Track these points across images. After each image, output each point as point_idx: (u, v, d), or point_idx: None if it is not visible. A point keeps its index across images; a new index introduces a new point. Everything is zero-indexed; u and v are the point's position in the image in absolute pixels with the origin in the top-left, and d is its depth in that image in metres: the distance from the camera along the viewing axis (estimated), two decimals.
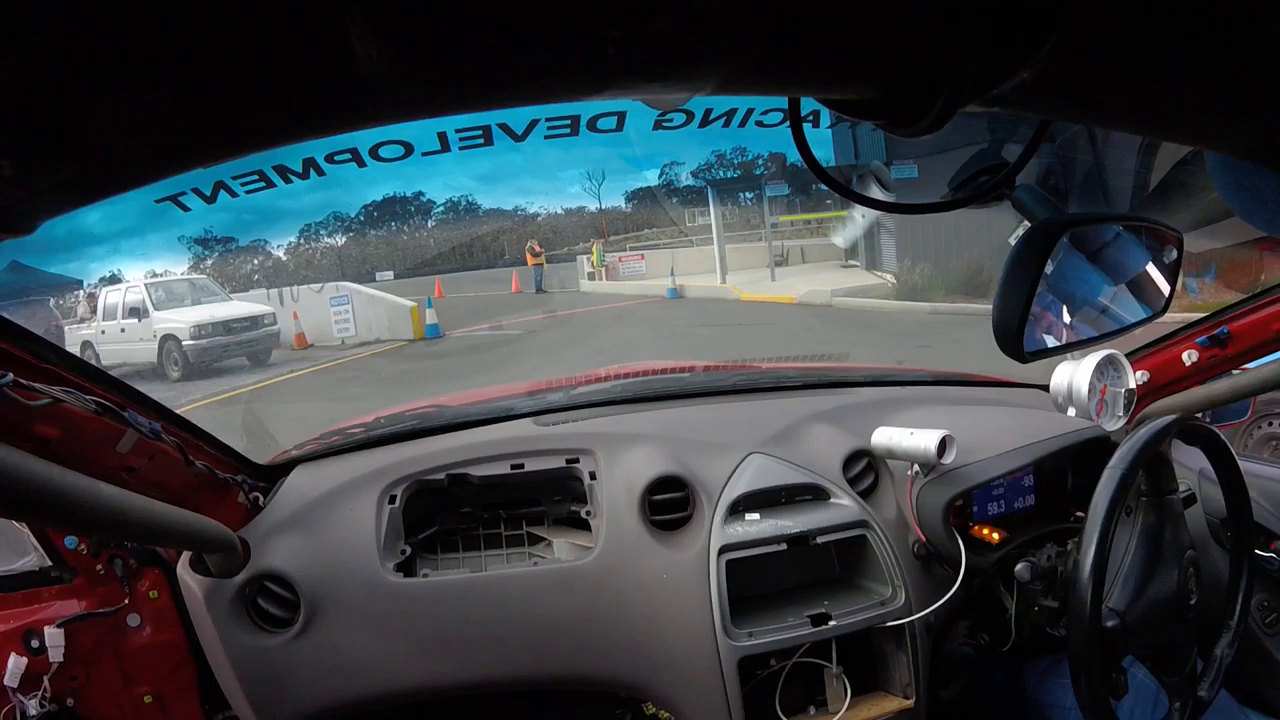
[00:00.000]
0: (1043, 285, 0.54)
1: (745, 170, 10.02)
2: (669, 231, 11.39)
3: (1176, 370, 1.40)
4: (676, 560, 1.16)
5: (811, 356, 5.12)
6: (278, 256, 9.50)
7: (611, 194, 10.68)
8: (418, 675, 1.14)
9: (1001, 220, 0.69)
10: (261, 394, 6.65)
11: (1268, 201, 0.40)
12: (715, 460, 1.25)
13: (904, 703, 1.16)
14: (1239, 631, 1.12)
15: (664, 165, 9.62)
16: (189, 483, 0.98)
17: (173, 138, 0.29)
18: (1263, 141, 0.35)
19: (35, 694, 1.09)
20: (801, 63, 0.31)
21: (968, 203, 0.61)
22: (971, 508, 1.28)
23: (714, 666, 1.10)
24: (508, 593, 1.16)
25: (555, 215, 10.82)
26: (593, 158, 9.43)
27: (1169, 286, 0.69)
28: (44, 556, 1.14)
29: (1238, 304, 1.32)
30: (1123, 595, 0.99)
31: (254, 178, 1.22)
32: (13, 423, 0.67)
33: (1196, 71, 0.32)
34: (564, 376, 1.63)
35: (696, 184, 10.30)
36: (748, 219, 10.95)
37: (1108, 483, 0.95)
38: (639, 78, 0.30)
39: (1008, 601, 1.23)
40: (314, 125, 0.30)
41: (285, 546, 1.13)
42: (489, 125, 1.28)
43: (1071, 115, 0.39)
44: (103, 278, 7.62)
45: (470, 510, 1.28)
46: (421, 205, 10.40)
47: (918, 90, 0.31)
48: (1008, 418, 1.43)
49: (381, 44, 0.25)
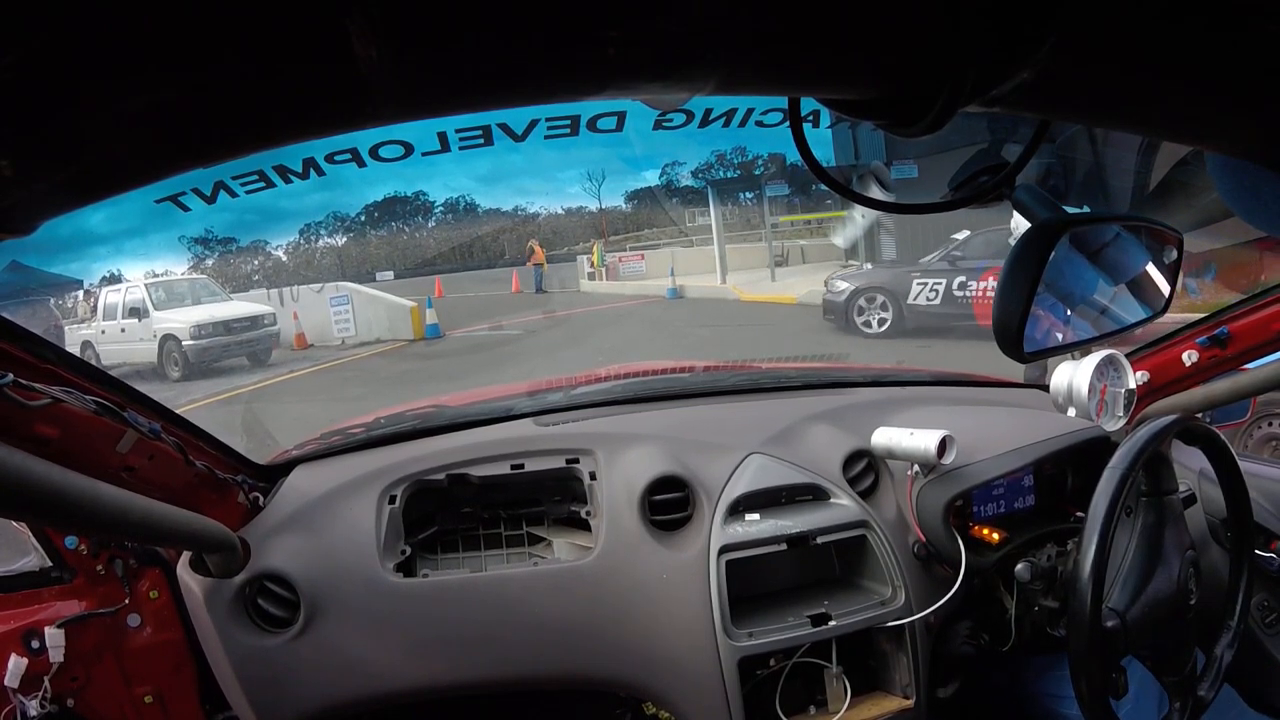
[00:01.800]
0: (1043, 285, 0.54)
1: (745, 170, 10.03)
2: (669, 231, 11.39)
3: (1176, 370, 1.40)
4: (676, 560, 1.16)
5: (811, 356, 5.13)
6: (278, 256, 9.51)
7: (611, 194, 10.69)
8: (418, 675, 1.14)
9: (1001, 220, 0.69)
10: (261, 394, 6.65)
11: (1268, 201, 0.40)
12: (715, 460, 1.25)
13: (904, 703, 1.16)
14: (1239, 631, 1.12)
15: (664, 165, 9.63)
16: (189, 483, 0.98)
17: (173, 138, 0.29)
18: (1263, 141, 0.35)
19: (36, 694, 1.09)
20: (801, 63, 0.31)
21: (968, 203, 0.60)
22: (971, 508, 1.28)
23: (714, 666, 1.10)
24: (508, 593, 1.16)
25: (555, 215, 10.82)
26: (593, 158, 9.43)
27: (1169, 286, 0.69)
28: (44, 556, 1.14)
29: (1238, 304, 1.32)
30: (1123, 595, 0.99)
31: (254, 178, 1.23)
32: (13, 423, 0.67)
33: (1196, 71, 0.32)
34: (564, 376, 1.63)
35: (696, 184, 10.31)
36: (748, 219, 10.96)
37: (1108, 482, 0.95)
38: (639, 78, 0.30)
39: (1008, 601, 1.23)
40: (314, 125, 0.31)
41: (285, 546, 1.13)
42: (489, 125, 1.28)
43: (1071, 115, 0.39)
44: (103, 278, 7.63)
45: (470, 510, 1.28)
46: (421, 205, 10.42)
47: (918, 90, 0.31)
48: (1008, 418, 1.43)
49: (381, 44, 0.25)
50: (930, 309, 6.55)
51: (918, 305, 6.60)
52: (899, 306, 6.68)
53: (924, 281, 6.59)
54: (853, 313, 6.81)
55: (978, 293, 6.29)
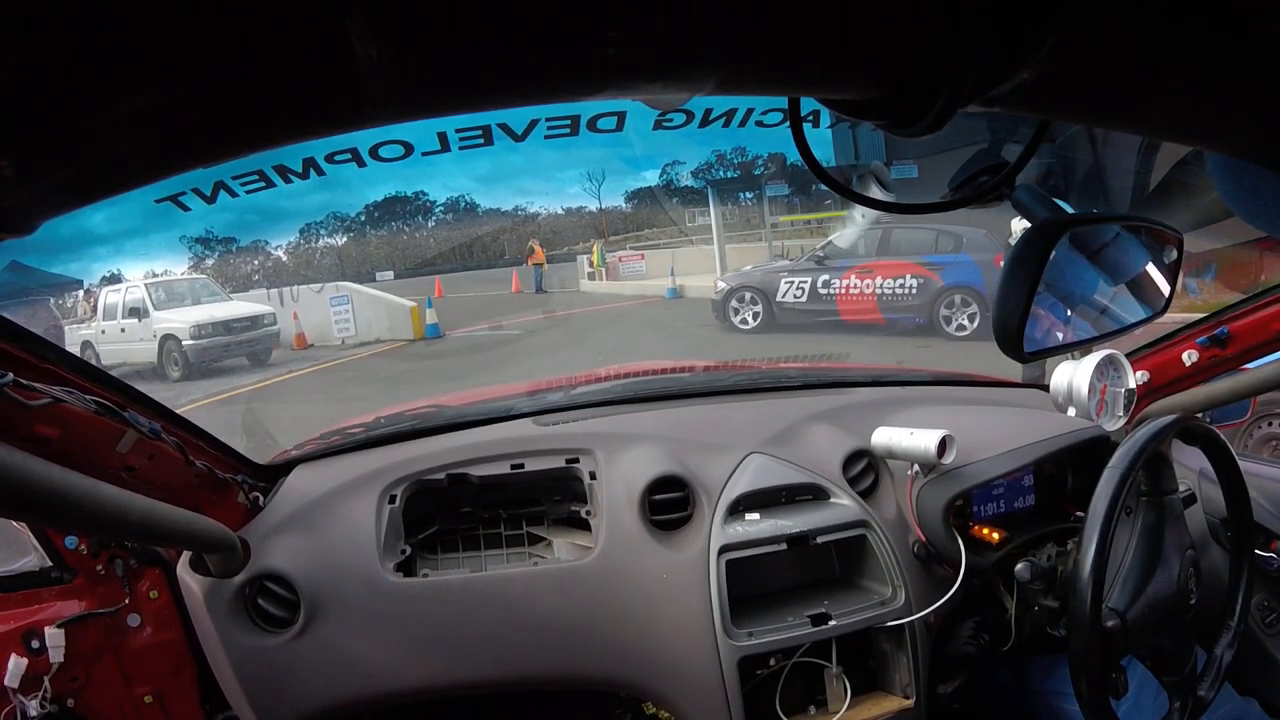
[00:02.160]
0: (1043, 285, 0.54)
1: (745, 170, 10.03)
2: (669, 231, 11.39)
3: (1176, 370, 1.40)
4: (676, 560, 1.16)
5: (811, 356, 5.13)
6: (278, 256, 9.51)
7: (611, 194, 10.68)
8: (417, 675, 1.14)
9: (1001, 220, 0.69)
10: (261, 394, 6.64)
11: (1268, 201, 0.40)
12: (715, 460, 1.25)
13: (904, 703, 1.16)
14: (1239, 631, 1.12)
15: (664, 165, 9.63)
16: (189, 483, 0.98)
17: (173, 138, 0.29)
18: (1263, 141, 0.35)
19: (36, 695, 1.09)
20: (801, 63, 0.31)
21: (968, 203, 0.60)
22: (971, 508, 1.28)
23: (714, 666, 1.10)
24: (508, 593, 1.16)
25: (555, 215, 10.82)
26: (593, 158, 9.43)
27: (1169, 286, 0.69)
28: (44, 556, 1.14)
29: (1238, 304, 1.32)
30: (1123, 595, 0.99)
31: (254, 178, 1.23)
32: (13, 423, 0.67)
33: (1196, 71, 0.32)
34: (564, 376, 1.63)
35: (696, 184, 10.31)
36: (748, 219, 10.95)
37: (1108, 482, 0.95)
38: (639, 78, 0.30)
39: (1008, 601, 1.23)
40: (314, 125, 0.30)
41: (285, 546, 1.13)
42: (489, 125, 1.28)
43: (1071, 115, 0.39)
44: (103, 277, 7.63)
45: (470, 510, 1.28)
46: (421, 205, 10.42)
47: (918, 90, 0.31)
48: (1008, 418, 1.43)
49: (381, 44, 0.25)
50: (798, 306, 6.99)
51: (785, 303, 7.03)
52: (769, 304, 7.09)
53: (790, 280, 7.03)
54: (729, 311, 7.22)
55: (841, 290, 6.80)
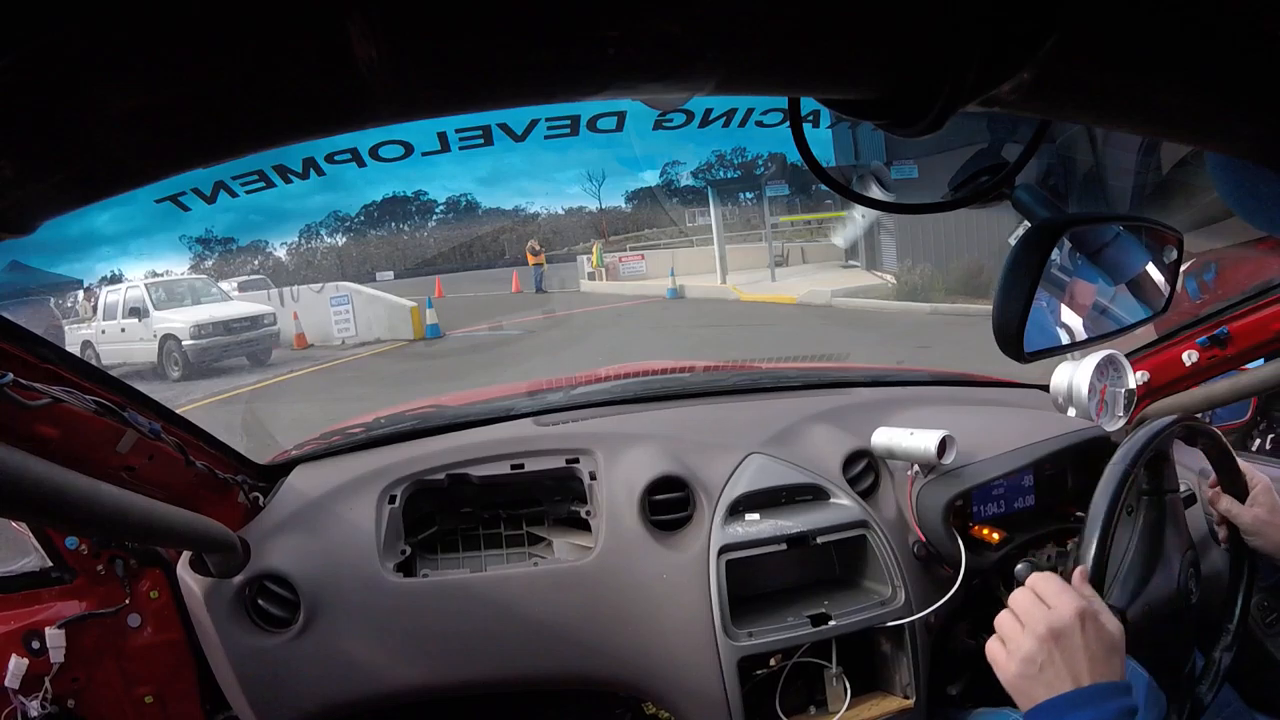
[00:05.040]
0: (1043, 285, 0.54)
1: (745, 170, 10.05)
2: (669, 231, 11.40)
3: (1176, 370, 1.40)
4: (676, 560, 1.16)
5: (811, 356, 5.13)
6: (278, 256, 9.52)
7: (611, 194, 10.70)
8: (418, 675, 1.14)
9: (1001, 220, 0.69)
10: (261, 394, 6.65)
11: (1268, 201, 0.40)
12: (715, 460, 1.25)
13: (904, 703, 1.16)
14: (1238, 632, 1.12)
15: (664, 165, 9.65)
16: (189, 483, 0.98)
17: (173, 138, 0.29)
18: (1263, 141, 0.35)
19: (36, 695, 1.09)
20: (801, 63, 0.31)
21: (968, 203, 0.60)
22: (971, 508, 1.28)
23: (714, 666, 1.10)
24: (508, 593, 1.16)
25: (555, 215, 10.84)
26: (592, 158, 9.45)
27: (1169, 286, 0.69)
28: (44, 557, 1.14)
29: (1238, 304, 1.32)
30: (1122, 595, 0.99)
31: (254, 178, 1.22)
32: (13, 423, 0.67)
33: (1196, 71, 0.32)
34: (564, 376, 1.63)
35: (696, 184, 10.33)
36: (748, 219, 10.97)
37: (1109, 481, 0.95)
38: (639, 78, 0.30)
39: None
40: (314, 125, 0.30)
41: (285, 546, 1.13)
42: (489, 125, 1.28)
43: (1071, 115, 0.39)
44: (103, 277, 7.65)
45: (470, 510, 1.28)
46: (421, 205, 10.44)
47: (918, 90, 0.31)
48: (1008, 418, 1.43)
49: (381, 45, 0.25)
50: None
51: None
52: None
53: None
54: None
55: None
